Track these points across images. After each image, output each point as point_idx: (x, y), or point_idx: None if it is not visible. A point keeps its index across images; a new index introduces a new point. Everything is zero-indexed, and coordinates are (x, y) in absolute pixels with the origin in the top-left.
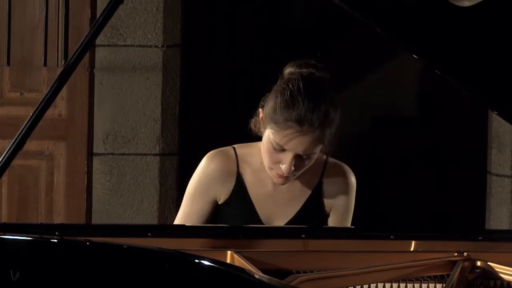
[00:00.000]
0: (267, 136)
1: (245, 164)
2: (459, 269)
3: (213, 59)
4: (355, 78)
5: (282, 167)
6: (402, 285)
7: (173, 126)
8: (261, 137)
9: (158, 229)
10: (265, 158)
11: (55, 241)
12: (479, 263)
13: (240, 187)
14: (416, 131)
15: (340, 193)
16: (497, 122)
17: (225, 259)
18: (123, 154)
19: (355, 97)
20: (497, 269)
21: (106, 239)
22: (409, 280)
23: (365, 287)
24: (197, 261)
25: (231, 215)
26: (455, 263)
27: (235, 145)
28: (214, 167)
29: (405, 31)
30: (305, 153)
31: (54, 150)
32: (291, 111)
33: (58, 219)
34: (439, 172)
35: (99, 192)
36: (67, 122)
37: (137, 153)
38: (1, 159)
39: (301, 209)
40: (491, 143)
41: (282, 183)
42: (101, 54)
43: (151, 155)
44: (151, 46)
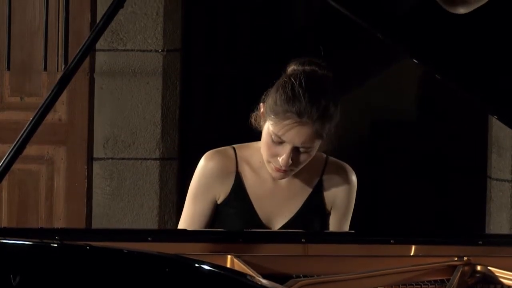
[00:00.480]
0: (267, 128)
1: (244, 163)
2: (459, 274)
3: (213, 64)
4: (355, 82)
5: (280, 160)
6: None
7: (173, 130)
8: (260, 137)
9: (158, 234)
10: (263, 151)
11: (55, 245)
12: (479, 268)
13: (239, 186)
14: (416, 135)
15: (341, 191)
16: (497, 126)
17: (225, 264)
18: (123, 158)
19: (356, 101)
20: (497, 274)
21: (106, 244)
22: (409, 284)
23: None
24: (197, 265)
25: (230, 214)
26: (455, 267)
27: (235, 145)
28: (212, 166)
29: (405, 36)
30: (303, 145)
31: (54, 154)
32: (292, 103)
33: (58, 224)
34: (439, 176)
35: (99, 196)
36: (67, 126)
37: (137, 158)
38: (1, 163)
39: (301, 207)
40: (491, 148)
41: (280, 177)
42: (101, 58)
43: (151, 159)
44: (151, 50)
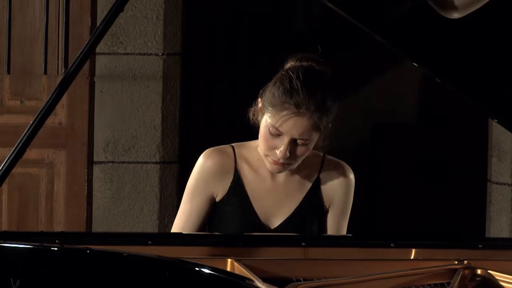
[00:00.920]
0: (264, 121)
1: (243, 161)
2: (459, 277)
3: (213, 68)
4: (355, 86)
5: (277, 152)
6: None
7: (173, 134)
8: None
9: (158, 237)
10: (261, 144)
11: (56, 249)
12: (479, 271)
13: (237, 183)
14: (416, 139)
15: (338, 189)
16: (497, 130)
17: (225, 267)
18: (123, 162)
19: (356, 105)
20: (497, 277)
21: (106, 247)
22: None
23: None
24: (197, 269)
25: (229, 212)
26: (455, 271)
27: (233, 144)
28: (210, 164)
29: (406, 40)
30: (301, 137)
31: (54, 158)
32: (290, 95)
33: (58, 227)
34: (439, 180)
35: (99, 200)
36: (67, 130)
37: (137, 161)
38: (1, 167)
39: (299, 205)
40: (491, 151)
41: (277, 170)
42: (101, 62)
43: (151, 163)
44: (151, 54)
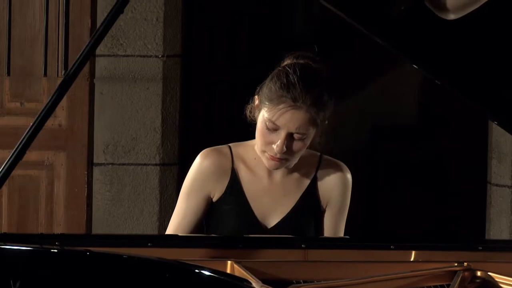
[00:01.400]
0: (261, 117)
1: (239, 161)
2: (459, 279)
3: (213, 69)
4: (355, 88)
5: (274, 147)
6: None
7: (173, 136)
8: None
9: (158, 239)
10: (258, 140)
11: (55, 251)
12: (479, 273)
13: (234, 183)
14: (416, 141)
15: (335, 188)
16: (497, 132)
17: (225, 269)
18: (123, 164)
19: (356, 107)
20: (497, 279)
21: (106, 249)
22: None
23: None
24: (197, 271)
25: (226, 211)
26: (455, 273)
27: (230, 144)
28: (207, 164)
29: (405, 41)
30: (297, 131)
31: (54, 160)
32: (286, 90)
33: (58, 229)
34: (439, 182)
35: (99, 202)
36: (67, 132)
37: (137, 163)
38: (1, 169)
39: (296, 204)
40: (491, 153)
41: (274, 166)
42: (101, 64)
43: (151, 165)
44: (151, 56)
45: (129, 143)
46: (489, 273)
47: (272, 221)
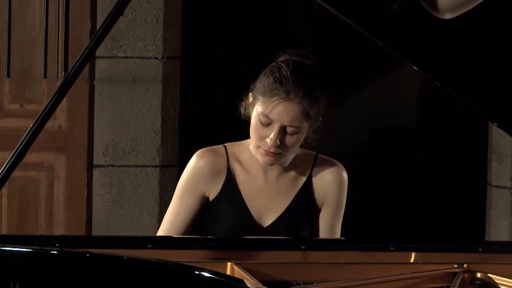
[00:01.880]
0: (255, 112)
1: (235, 160)
2: (459, 281)
3: (213, 71)
4: (354, 89)
5: (268, 141)
6: None
7: (173, 137)
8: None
9: (158, 241)
10: (252, 136)
11: (55, 252)
12: (479, 275)
13: (230, 183)
14: (416, 142)
15: (331, 187)
16: (497, 133)
17: (225, 271)
18: (123, 165)
19: (355, 108)
20: (497, 281)
21: (106, 251)
22: None
23: None
24: (197, 272)
25: (222, 211)
26: (455, 274)
27: (226, 144)
28: (203, 164)
29: (405, 42)
30: (291, 124)
31: (54, 161)
32: (279, 83)
33: (58, 231)
34: (439, 183)
35: (99, 203)
36: (67, 133)
37: (137, 165)
38: (1, 170)
39: (291, 203)
40: (491, 155)
41: (269, 161)
42: (101, 65)
43: (151, 166)
44: (151, 57)
45: (129, 144)
46: (489, 275)
47: (268, 220)
